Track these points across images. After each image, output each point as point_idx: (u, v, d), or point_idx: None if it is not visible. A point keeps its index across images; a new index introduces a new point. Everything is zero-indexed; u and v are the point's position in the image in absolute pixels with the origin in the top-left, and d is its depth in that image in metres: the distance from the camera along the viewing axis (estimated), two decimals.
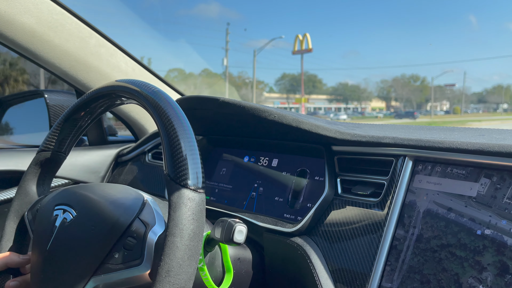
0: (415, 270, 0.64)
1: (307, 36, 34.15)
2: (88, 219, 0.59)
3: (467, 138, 0.69)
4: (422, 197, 0.68)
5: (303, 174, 0.89)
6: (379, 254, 0.68)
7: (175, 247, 0.50)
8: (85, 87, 1.18)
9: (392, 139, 0.74)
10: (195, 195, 0.52)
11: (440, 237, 0.64)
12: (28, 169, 0.74)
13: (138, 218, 0.58)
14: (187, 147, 0.54)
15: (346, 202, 0.77)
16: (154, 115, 0.58)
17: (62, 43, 1.08)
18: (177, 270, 0.50)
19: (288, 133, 0.88)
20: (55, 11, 1.05)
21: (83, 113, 0.71)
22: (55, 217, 0.63)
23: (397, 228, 0.68)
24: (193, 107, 0.95)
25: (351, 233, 0.74)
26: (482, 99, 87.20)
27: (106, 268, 0.56)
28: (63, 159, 0.75)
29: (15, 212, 0.73)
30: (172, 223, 0.51)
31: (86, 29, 1.12)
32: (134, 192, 0.64)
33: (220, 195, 1.02)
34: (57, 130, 0.73)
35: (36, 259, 0.63)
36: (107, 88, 0.66)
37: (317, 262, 0.74)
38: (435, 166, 0.68)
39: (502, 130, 0.82)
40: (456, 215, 0.63)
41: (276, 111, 0.84)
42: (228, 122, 0.99)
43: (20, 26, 1.00)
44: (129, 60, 1.24)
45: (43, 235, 0.63)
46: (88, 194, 0.63)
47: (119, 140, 1.40)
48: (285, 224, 0.82)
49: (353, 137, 0.78)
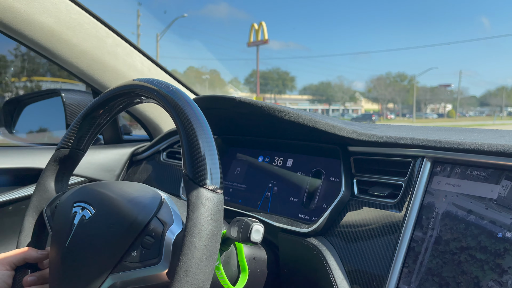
0: (434, 273, 0.63)
1: (263, 25, 29.52)
2: (107, 217, 0.60)
3: (487, 140, 0.68)
4: (441, 199, 0.67)
5: (318, 175, 0.89)
6: (396, 256, 0.67)
7: (193, 247, 0.50)
8: (102, 86, 1.19)
9: (410, 140, 0.73)
10: (213, 196, 0.52)
11: (459, 240, 0.63)
12: (47, 166, 0.75)
13: (156, 217, 0.58)
14: (206, 147, 0.54)
15: (363, 203, 0.77)
16: (172, 114, 0.58)
17: (79, 42, 1.09)
18: (195, 270, 0.50)
19: (304, 133, 0.88)
20: (73, 10, 1.06)
21: (101, 111, 0.72)
22: (74, 214, 0.64)
23: (415, 230, 0.68)
24: (208, 106, 0.96)
25: (368, 234, 0.73)
26: (484, 101, 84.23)
27: (124, 266, 0.56)
28: (81, 156, 0.76)
29: (34, 208, 0.74)
30: (190, 223, 0.51)
31: (103, 29, 1.13)
32: (152, 191, 0.64)
33: (234, 194, 1.02)
34: (76, 127, 0.73)
35: (54, 255, 0.64)
36: (126, 87, 0.66)
37: (333, 263, 0.74)
38: (455, 167, 0.67)
39: None
40: (476, 218, 0.62)
41: (292, 111, 0.84)
42: (243, 121, 0.99)
43: (39, 25, 1.01)
44: (145, 60, 1.25)
45: (62, 231, 0.64)
46: (107, 192, 0.63)
47: (134, 139, 1.42)
48: (300, 225, 0.82)
49: (370, 137, 0.78)
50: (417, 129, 0.90)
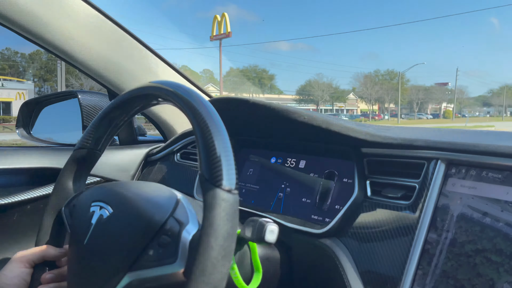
0: (449, 275, 0.63)
1: (226, 17, 25.59)
2: (124, 216, 0.61)
3: (502, 142, 0.67)
4: (456, 201, 0.67)
5: (331, 176, 0.89)
6: (410, 258, 0.67)
7: (209, 247, 0.51)
8: (118, 88, 1.21)
9: (424, 141, 0.73)
10: (229, 196, 0.53)
11: (475, 242, 0.62)
12: (65, 166, 0.77)
13: (172, 217, 0.59)
14: (222, 148, 0.55)
15: (376, 204, 0.77)
16: (189, 116, 0.59)
17: (97, 45, 1.11)
18: (211, 269, 0.50)
19: (317, 135, 0.89)
20: (91, 14, 1.09)
21: (119, 112, 0.73)
22: (92, 213, 0.65)
23: (429, 232, 0.68)
24: (222, 108, 0.96)
25: (382, 235, 0.73)
26: (486, 101, 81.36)
27: (140, 265, 0.57)
28: (99, 156, 0.78)
29: (53, 207, 0.76)
30: (207, 223, 0.52)
31: (120, 32, 1.16)
32: (168, 191, 0.65)
33: (247, 195, 1.03)
34: (94, 128, 0.75)
35: (73, 253, 0.66)
36: (143, 89, 0.68)
37: (346, 264, 0.74)
38: (470, 169, 0.67)
39: None
40: (492, 220, 0.62)
41: (306, 113, 0.84)
42: (256, 123, 1.00)
43: (59, 29, 1.04)
44: (159, 62, 1.27)
45: (80, 230, 0.65)
46: (124, 192, 0.65)
47: (148, 140, 1.43)
48: (314, 225, 0.83)
49: (384, 139, 0.78)
50: (431, 131, 0.90)
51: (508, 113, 78.21)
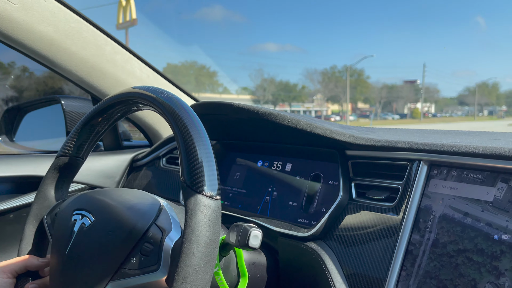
0: (432, 275, 0.64)
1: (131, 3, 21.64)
2: (106, 225, 0.60)
3: (482, 142, 0.68)
4: (438, 202, 0.67)
5: (317, 179, 0.89)
6: (394, 259, 0.68)
7: (191, 253, 0.50)
8: (101, 93, 1.20)
9: (406, 143, 0.73)
10: (211, 202, 0.53)
11: (456, 242, 0.63)
12: (47, 173, 0.76)
13: (155, 224, 0.59)
14: (203, 154, 0.55)
15: (361, 206, 0.77)
16: (170, 122, 0.59)
17: (78, 50, 1.10)
18: (193, 276, 0.50)
19: (302, 138, 0.89)
20: (72, 19, 1.07)
21: (100, 119, 0.73)
22: (74, 222, 0.64)
23: (412, 233, 0.68)
24: (207, 112, 0.96)
25: (366, 237, 0.73)
26: (463, 100, 78.67)
27: (123, 273, 0.57)
28: (81, 164, 0.77)
29: (34, 216, 0.75)
30: (188, 230, 0.51)
31: (102, 37, 1.14)
32: (151, 198, 0.64)
33: (234, 199, 1.03)
34: (75, 135, 0.74)
35: (55, 262, 0.65)
36: (124, 94, 0.67)
37: (331, 267, 0.74)
38: (451, 170, 0.68)
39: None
40: (473, 220, 0.63)
41: (290, 116, 0.85)
42: (242, 127, 1.00)
43: (39, 34, 1.02)
44: (143, 67, 1.26)
45: (62, 239, 0.64)
46: (106, 200, 0.64)
47: (133, 145, 1.42)
48: (300, 229, 0.83)
49: (367, 141, 0.78)
50: (414, 133, 0.91)
51: (485, 112, 76.63)
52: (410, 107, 70.58)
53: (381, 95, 66.70)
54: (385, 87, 69.32)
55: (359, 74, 63.38)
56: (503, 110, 74.38)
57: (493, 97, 78.53)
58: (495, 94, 78.94)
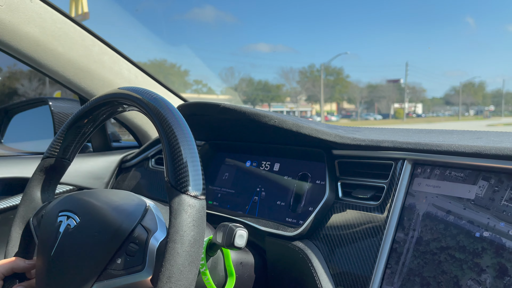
0: (415, 273, 0.65)
1: None
2: (91, 226, 0.61)
3: (465, 141, 0.69)
4: (422, 200, 0.68)
5: (304, 178, 0.90)
6: (379, 257, 0.69)
7: (176, 253, 0.51)
8: (89, 94, 1.20)
9: (391, 142, 0.74)
10: (195, 202, 0.53)
11: (439, 240, 0.64)
12: (33, 175, 0.76)
13: (140, 224, 0.59)
14: (188, 154, 0.55)
15: (347, 205, 0.78)
16: (155, 122, 0.59)
17: (65, 51, 1.09)
18: (178, 276, 0.50)
19: (289, 138, 0.89)
20: (59, 20, 1.07)
21: (86, 120, 0.73)
22: (59, 224, 0.64)
23: (397, 231, 0.69)
24: (194, 113, 0.97)
25: (352, 236, 0.74)
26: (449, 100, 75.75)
27: (108, 274, 0.57)
28: (68, 165, 0.77)
29: (21, 218, 0.74)
30: (173, 229, 0.52)
31: (89, 37, 1.14)
32: (137, 198, 0.65)
33: (222, 199, 1.03)
34: (61, 137, 0.74)
35: (40, 264, 0.65)
36: (109, 95, 0.67)
37: (318, 266, 0.75)
38: (434, 169, 0.69)
39: (500, 132, 0.82)
40: (455, 218, 0.64)
41: (276, 116, 0.85)
42: (229, 127, 1.00)
43: (25, 35, 1.02)
44: (132, 67, 1.26)
45: (47, 241, 0.64)
46: (91, 201, 0.64)
47: (122, 146, 1.42)
48: (287, 228, 0.83)
49: (352, 141, 0.79)
50: (399, 132, 0.92)
51: (471, 112, 74.20)
52: (395, 107, 68.42)
53: (362, 94, 64.51)
54: (368, 87, 66.91)
55: (338, 73, 59.75)
56: (489, 110, 72.48)
57: (479, 96, 76.78)
58: (481, 94, 77.25)
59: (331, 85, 58.62)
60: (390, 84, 67.37)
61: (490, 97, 78.90)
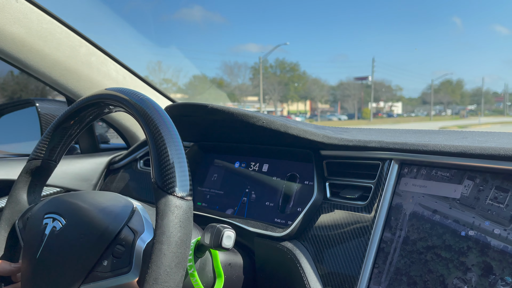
0: (402, 272, 0.65)
1: None
2: (77, 228, 0.60)
3: (450, 141, 0.70)
4: (408, 200, 0.69)
5: (293, 179, 0.90)
6: (367, 257, 0.69)
7: (162, 254, 0.50)
8: (76, 95, 1.19)
9: (378, 143, 0.75)
10: (182, 203, 0.53)
11: (425, 239, 0.65)
12: (18, 177, 0.75)
13: (127, 226, 0.58)
14: (175, 155, 0.55)
15: (335, 206, 0.78)
16: (141, 123, 0.58)
17: (52, 52, 1.08)
18: (164, 277, 0.50)
19: (277, 139, 0.90)
20: (45, 20, 1.06)
21: (72, 122, 0.72)
22: (45, 226, 0.63)
23: (384, 231, 0.69)
24: (182, 114, 0.96)
25: (340, 236, 0.75)
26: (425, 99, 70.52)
27: (95, 276, 0.56)
28: (54, 167, 0.76)
29: (6, 220, 0.73)
30: (159, 230, 0.51)
31: (76, 38, 1.13)
32: (124, 200, 0.64)
33: (211, 201, 1.03)
34: (47, 138, 0.73)
35: (26, 267, 0.64)
36: (95, 96, 0.67)
37: (306, 266, 0.75)
38: (421, 169, 0.70)
39: (485, 132, 0.84)
40: (441, 217, 0.64)
41: (264, 117, 0.85)
42: (218, 128, 1.00)
43: (10, 36, 1.00)
44: (120, 68, 1.25)
45: (33, 243, 0.64)
46: (78, 202, 0.63)
47: (111, 148, 1.41)
48: (275, 229, 0.83)
49: (340, 141, 0.80)
50: (386, 132, 0.93)
51: (449, 111, 69.39)
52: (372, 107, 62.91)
53: (321, 93, 59.23)
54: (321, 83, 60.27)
55: (293, 69, 53.71)
56: (466, 109, 67.53)
57: (457, 95, 71.19)
58: (460, 92, 71.90)
59: (285, 82, 53.23)
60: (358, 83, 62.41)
61: (469, 96, 74.75)
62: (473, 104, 74.75)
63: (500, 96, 76.59)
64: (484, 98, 72.17)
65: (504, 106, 69.53)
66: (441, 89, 69.81)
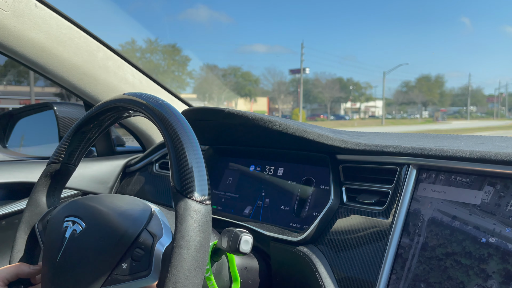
0: (421, 279, 0.65)
1: None
2: (97, 231, 0.61)
3: (470, 147, 0.69)
4: (427, 206, 0.68)
5: (308, 183, 0.90)
6: (384, 263, 0.68)
7: (182, 258, 0.51)
8: (94, 99, 1.20)
9: (396, 147, 0.74)
10: (201, 207, 0.53)
11: (445, 245, 0.64)
12: (38, 180, 0.76)
13: (146, 230, 0.59)
14: (193, 159, 0.55)
15: (351, 210, 0.78)
16: (160, 128, 0.59)
17: (70, 57, 1.10)
18: (184, 281, 0.50)
19: (293, 143, 0.89)
20: (64, 25, 1.08)
21: (91, 126, 0.73)
22: (65, 229, 0.64)
23: (402, 237, 0.69)
24: (199, 118, 0.97)
25: (357, 241, 0.74)
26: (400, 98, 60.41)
27: (114, 279, 0.57)
28: (73, 170, 0.77)
29: (26, 223, 0.74)
30: (178, 235, 0.52)
31: (94, 43, 1.15)
32: (142, 204, 0.65)
33: (226, 204, 1.03)
34: (67, 142, 0.74)
35: (46, 270, 0.65)
36: (114, 101, 0.67)
37: (323, 271, 0.75)
38: (439, 174, 0.69)
39: (505, 137, 0.82)
40: (461, 223, 0.63)
41: (280, 121, 0.85)
42: (234, 132, 1.00)
43: (30, 41, 1.02)
44: (136, 72, 1.26)
45: (53, 246, 0.64)
46: (97, 206, 0.64)
47: (127, 151, 1.42)
48: (291, 233, 0.83)
49: (357, 146, 0.79)
50: (403, 137, 0.92)
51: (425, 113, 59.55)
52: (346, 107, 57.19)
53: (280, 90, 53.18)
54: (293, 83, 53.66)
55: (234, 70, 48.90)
56: (441, 111, 58.07)
57: (435, 94, 59.99)
58: (439, 91, 60.85)
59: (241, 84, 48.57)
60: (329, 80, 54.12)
61: (454, 96, 63.54)
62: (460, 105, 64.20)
63: (492, 97, 66.93)
64: (473, 98, 62.32)
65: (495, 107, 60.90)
66: (416, 87, 59.35)
